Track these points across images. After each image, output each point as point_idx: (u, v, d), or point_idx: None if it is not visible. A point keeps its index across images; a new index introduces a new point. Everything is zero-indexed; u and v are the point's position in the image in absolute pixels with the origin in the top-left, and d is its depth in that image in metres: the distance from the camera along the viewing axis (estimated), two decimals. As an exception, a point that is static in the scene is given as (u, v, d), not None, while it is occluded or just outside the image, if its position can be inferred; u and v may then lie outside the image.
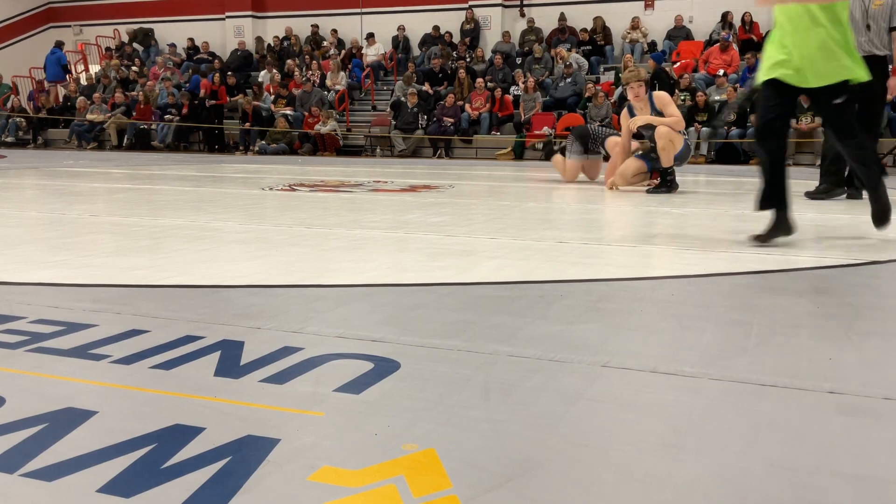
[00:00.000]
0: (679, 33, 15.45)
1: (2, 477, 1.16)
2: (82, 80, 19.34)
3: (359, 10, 18.65)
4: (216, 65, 17.57)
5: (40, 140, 17.49)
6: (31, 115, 17.73)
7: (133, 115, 16.77)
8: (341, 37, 18.31)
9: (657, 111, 6.59)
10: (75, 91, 18.22)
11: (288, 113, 15.44)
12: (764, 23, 14.95)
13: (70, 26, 21.44)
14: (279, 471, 1.18)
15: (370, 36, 17.69)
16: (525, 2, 17.34)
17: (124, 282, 2.63)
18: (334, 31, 18.38)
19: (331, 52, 17.62)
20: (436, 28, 17.46)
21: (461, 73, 15.30)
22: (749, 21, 14.88)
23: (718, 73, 13.54)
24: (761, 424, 1.39)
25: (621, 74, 6.99)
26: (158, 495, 1.11)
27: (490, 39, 17.30)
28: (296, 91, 15.93)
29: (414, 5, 18.16)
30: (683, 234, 4.01)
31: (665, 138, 6.42)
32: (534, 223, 4.37)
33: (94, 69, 20.23)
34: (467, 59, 16.14)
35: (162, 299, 2.38)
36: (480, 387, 1.57)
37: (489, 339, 1.92)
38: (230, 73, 17.31)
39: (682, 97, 12.71)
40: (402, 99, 14.83)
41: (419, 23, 17.81)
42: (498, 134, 14.29)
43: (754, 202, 3.60)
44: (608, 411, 1.45)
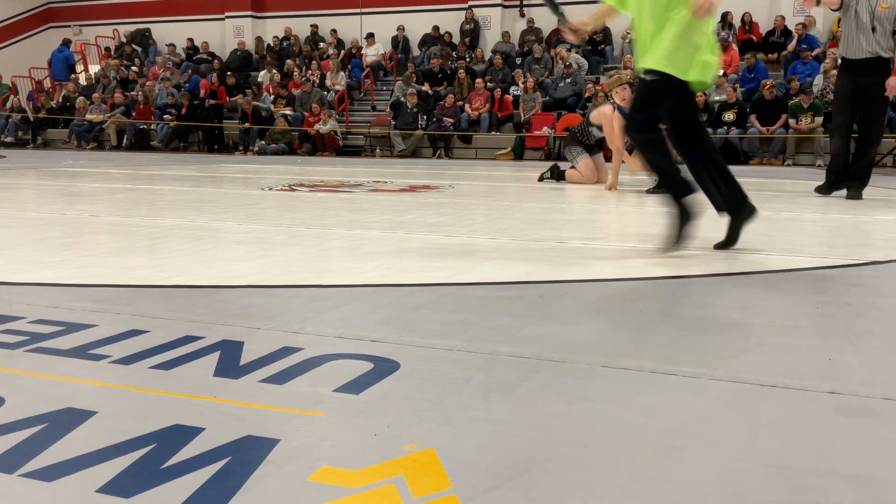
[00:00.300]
0: (679, 33, 15.42)
1: (1, 477, 1.16)
2: (81, 81, 19.33)
3: (358, 11, 18.64)
4: (216, 65, 17.56)
5: (40, 140, 17.48)
6: (30, 116, 17.70)
7: (132, 116, 16.77)
8: (341, 37, 18.30)
9: None
10: (74, 91, 18.22)
11: (287, 113, 15.43)
12: (764, 23, 14.95)
13: (69, 26, 21.43)
14: (279, 471, 1.18)
15: (370, 36, 17.68)
16: (525, 2, 17.34)
17: (124, 282, 2.63)
18: (334, 32, 18.37)
19: (330, 53, 17.62)
20: (435, 28, 17.46)
21: (461, 74, 15.29)
22: (749, 21, 14.87)
23: (718, 74, 13.54)
24: (761, 425, 1.39)
25: (604, 82, 6.94)
26: (158, 495, 1.11)
27: (490, 39, 17.29)
28: (295, 91, 15.92)
29: (413, 5, 18.16)
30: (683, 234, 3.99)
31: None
32: (533, 223, 4.36)
33: (94, 69, 20.22)
34: (467, 60, 16.13)
35: (161, 299, 2.38)
36: (480, 387, 1.57)
37: (489, 340, 1.92)
38: (230, 74, 17.30)
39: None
40: (402, 99, 14.83)
41: (419, 23, 17.80)
42: (497, 134, 14.30)
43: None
44: (607, 412, 1.45)
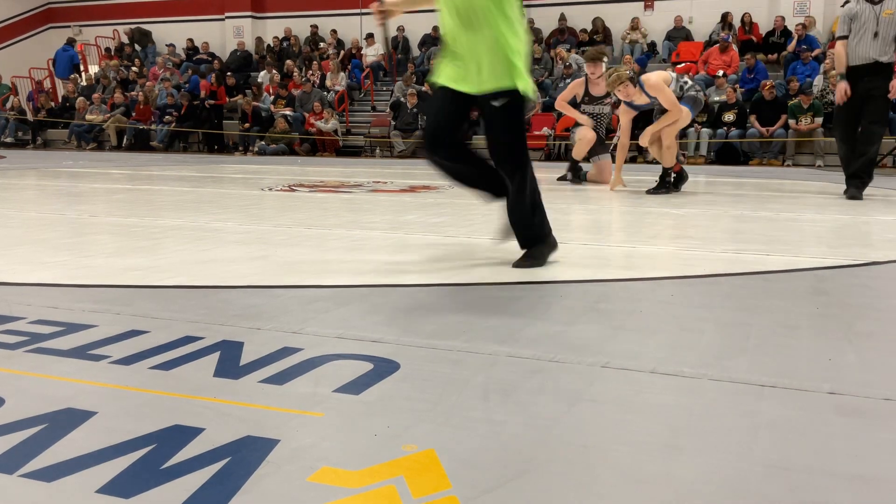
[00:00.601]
0: (678, 34, 15.43)
1: (1, 477, 1.16)
2: (81, 81, 19.32)
3: (358, 11, 18.64)
4: (216, 65, 17.56)
5: (39, 140, 17.48)
6: (29, 116, 17.70)
7: (132, 116, 16.77)
8: (341, 37, 18.30)
9: (652, 98, 6.55)
10: (74, 91, 18.22)
11: (287, 113, 15.43)
12: (764, 23, 14.95)
13: (69, 26, 21.42)
14: (279, 471, 1.18)
15: (369, 36, 17.68)
16: (523, 3, 17.33)
17: (124, 282, 2.63)
18: (334, 32, 18.37)
19: (330, 53, 17.62)
20: (435, 28, 17.46)
21: (461, 74, 15.28)
22: (749, 22, 14.87)
23: (718, 74, 13.54)
24: (760, 425, 1.39)
25: (605, 82, 6.91)
26: (158, 496, 1.11)
27: (489, 40, 17.27)
28: (295, 91, 15.92)
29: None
30: (683, 235, 4.00)
31: (670, 137, 6.44)
32: (533, 224, 4.36)
33: (94, 70, 20.22)
34: (467, 60, 16.12)
35: (161, 299, 2.38)
36: (480, 387, 1.57)
37: (489, 340, 1.92)
38: (229, 74, 17.30)
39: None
40: (402, 100, 14.83)
41: (419, 23, 17.79)
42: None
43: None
44: (608, 412, 1.45)
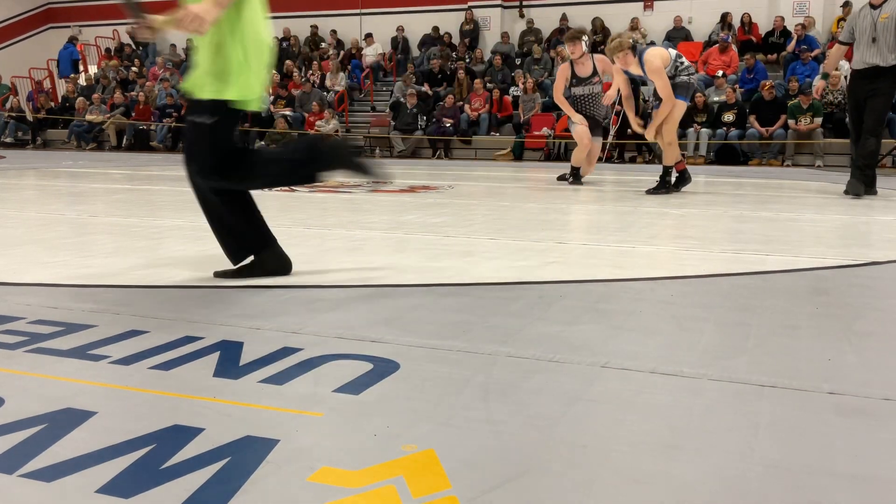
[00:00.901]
0: (678, 34, 15.43)
1: (1, 477, 1.16)
2: (81, 81, 19.32)
3: (358, 11, 18.64)
4: (215, 65, 17.53)
5: (39, 140, 17.47)
6: (29, 117, 17.68)
7: (132, 116, 16.77)
8: (340, 37, 18.30)
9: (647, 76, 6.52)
10: (74, 91, 18.21)
11: (287, 114, 15.43)
12: (763, 24, 14.95)
13: (69, 27, 21.42)
14: (278, 471, 1.18)
15: (368, 36, 17.68)
16: (524, 2, 17.34)
17: (124, 282, 2.63)
18: (333, 32, 18.37)
19: (330, 53, 17.62)
20: (435, 29, 17.46)
21: (460, 74, 15.29)
22: (748, 22, 14.88)
23: (717, 74, 13.54)
24: (760, 425, 1.39)
25: (605, 49, 6.76)
26: (158, 496, 1.11)
27: (489, 40, 17.28)
28: (295, 92, 15.92)
29: (413, 6, 18.15)
30: (683, 235, 4.01)
31: (670, 134, 6.45)
32: (533, 224, 4.36)
33: (94, 70, 20.21)
34: (466, 60, 16.13)
35: (161, 299, 2.38)
36: (480, 387, 1.57)
37: (488, 340, 1.92)
38: (229, 74, 17.27)
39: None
40: (402, 100, 14.83)
41: (418, 23, 17.80)
42: (497, 135, 14.30)
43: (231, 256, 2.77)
44: (607, 412, 1.45)
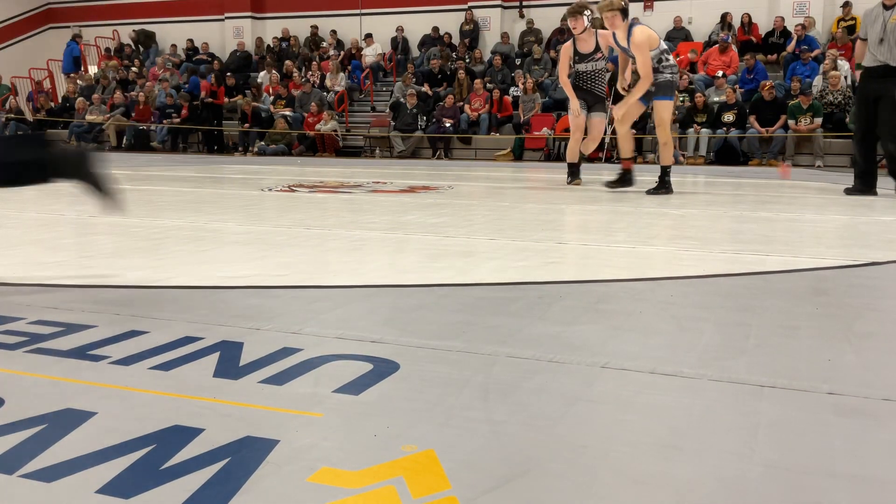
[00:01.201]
0: (678, 34, 15.44)
1: (1, 477, 1.16)
2: (80, 81, 19.32)
3: (358, 11, 18.64)
4: (215, 66, 17.56)
5: (39, 141, 17.45)
6: (29, 117, 17.69)
7: (132, 116, 16.77)
8: (340, 37, 18.31)
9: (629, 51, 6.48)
10: (74, 92, 18.21)
11: (287, 114, 15.43)
12: (763, 24, 14.96)
13: (69, 27, 21.42)
14: (278, 472, 1.18)
15: (368, 36, 17.68)
16: (524, 3, 17.34)
17: (124, 282, 2.63)
18: (333, 32, 18.37)
19: (330, 53, 17.62)
20: (435, 29, 17.47)
21: (460, 74, 15.30)
22: (748, 22, 14.89)
23: (717, 75, 13.55)
24: (760, 425, 1.39)
25: (597, 7, 6.66)
26: (158, 496, 1.11)
27: (489, 40, 17.29)
28: (295, 92, 15.93)
29: (413, 6, 18.16)
30: (682, 235, 4.01)
31: (665, 134, 6.47)
32: (533, 224, 4.37)
33: (93, 70, 20.22)
34: (466, 60, 16.14)
35: (161, 300, 2.38)
36: (480, 388, 1.57)
37: (488, 340, 1.92)
38: (229, 74, 17.30)
39: (681, 98, 12.72)
40: (402, 100, 14.83)
41: (418, 23, 17.81)
42: (497, 135, 14.30)
43: None
44: (607, 412, 1.45)
